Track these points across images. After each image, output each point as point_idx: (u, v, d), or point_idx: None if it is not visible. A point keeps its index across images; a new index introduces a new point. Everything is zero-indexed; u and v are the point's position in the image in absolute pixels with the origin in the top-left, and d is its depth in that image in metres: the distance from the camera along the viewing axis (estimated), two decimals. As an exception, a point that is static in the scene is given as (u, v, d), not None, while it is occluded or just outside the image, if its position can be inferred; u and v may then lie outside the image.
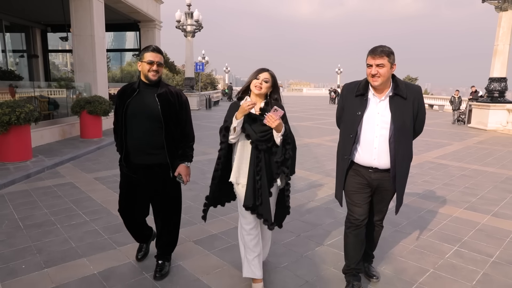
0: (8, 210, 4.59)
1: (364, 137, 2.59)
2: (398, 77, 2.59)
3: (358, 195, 2.70)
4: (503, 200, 5.22)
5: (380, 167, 2.59)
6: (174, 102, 2.85)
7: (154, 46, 2.81)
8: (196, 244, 3.67)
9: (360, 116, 2.57)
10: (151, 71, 2.73)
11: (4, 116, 6.23)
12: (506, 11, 12.96)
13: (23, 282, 2.92)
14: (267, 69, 2.71)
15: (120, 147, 2.87)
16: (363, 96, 2.59)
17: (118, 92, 2.92)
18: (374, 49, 2.48)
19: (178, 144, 2.91)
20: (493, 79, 13.80)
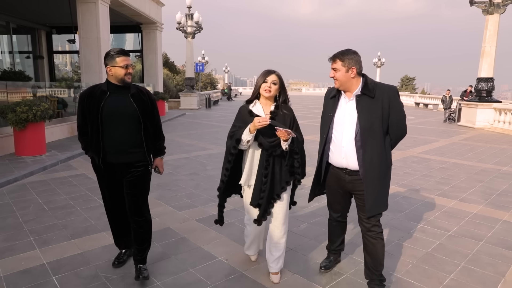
0: (31, 196, 5.20)
1: (334, 137, 2.69)
2: (371, 78, 2.64)
3: (336, 197, 2.90)
4: (472, 188, 5.84)
5: (349, 167, 2.65)
6: (146, 100, 2.94)
7: (122, 49, 2.84)
8: (197, 222, 4.28)
9: (331, 116, 2.70)
10: (128, 74, 2.80)
11: (23, 113, 6.84)
12: (492, 15, 13.57)
13: (56, 249, 3.53)
14: (274, 71, 2.75)
15: (97, 149, 2.85)
16: (335, 97, 2.73)
17: (84, 94, 2.87)
18: (333, 54, 2.62)
19: (153, 140, 3.02)
20: (481, 79, 14.41)
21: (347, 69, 2.54)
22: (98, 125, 2.79)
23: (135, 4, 14.47)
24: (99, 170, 2.96)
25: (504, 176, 6.68)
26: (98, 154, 2.86)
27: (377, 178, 2.59)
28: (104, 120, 2.78)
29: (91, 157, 2.97)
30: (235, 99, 37.83)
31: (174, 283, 2.95)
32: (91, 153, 2.94)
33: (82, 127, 2.93)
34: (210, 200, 5.04)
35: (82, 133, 2.96)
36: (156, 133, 3.05)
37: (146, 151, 2.93)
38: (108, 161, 2.87)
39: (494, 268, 3.26)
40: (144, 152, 2.93)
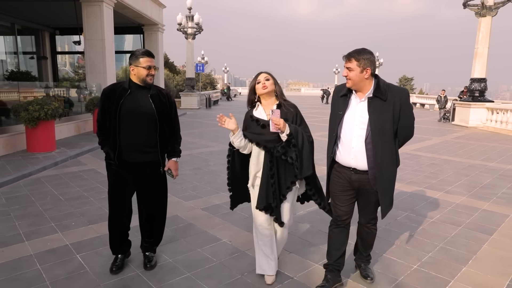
0: (47, 188, 5.59)
1: (343, 137, 2.64)
2: (383, 79, 2.61)
3: (340, 196, 2.75)
4: (458, 182, 6.24)
5: (358, 167, 2.62)
6: (165, 102, 3.00)
7: (147, 51, 2.92)
8: (203, 210, 4.68)
9: (341, 115, 2.64)
10: (150, 75, 2.87)
11: (35, 112, 7.23)
12: (484, 17, 14.00)
13: (76, 233, 3.92)
14: (261, 71, 2.79)
15: (113, 145, 2.89)
16: (346, 96, 2.67)
17: (106, 91, 2.95)
18: (347, 54, 2.57)
19: (168, 142, 3.06)
20: (474, 80, 14.83)
21: (362, 69, 2.49)
22: (116, 122, 2.84)
23: (138, 6, 14.86)
24: (112, 167, 2.98)
25: (490, 171, 7.09)
26: (114, 150, 2.89)
27: (388, 180, 2.62)
28: (122, 117, 2.83)
29: (106, 152, 2.99)
30: (234, 99, 38.25)
31: (185, 260, 3.34)
32: (107, 148, 2.97)
33: (100, 121, 2.99)
34: (213, 192, 5.44)
35: (100, 127, 3.01)
36: (172, 134, 3.08)
37: (160, 152, 2.98)
38: (123, 159, 2.91)
39: (468, 248, 3.66)
40: (158, 152, 2.97)
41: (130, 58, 2.90)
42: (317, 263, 3.30)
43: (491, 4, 13.68)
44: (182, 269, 3.17)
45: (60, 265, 3.23)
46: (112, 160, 2.93)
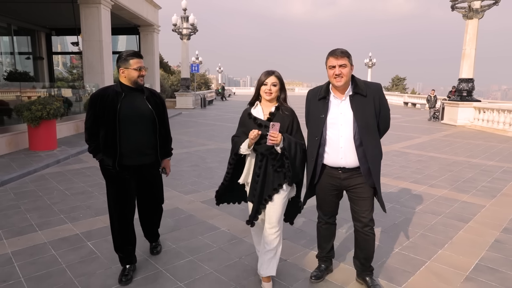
0: (52, 184, 5.87)
1: (329, 138, 2.67)
2: (357, 77, 2.69)
3: (328, 197, 2.84)
4: (442, 176, 6.62)
5: (348, 166, 2.66)
6: (159, 103, 3.03)
7: (135, 52, 2.88)
8: (202, 203, 4.99)
9: (324, 118, 2.66)
10: (141, 77, 2.84)
11: (37, 112, 7.48)
12: (471, 19, 14.45)
13: (84, 223, 4.22)
14: (273, 72, 2.75)
15: (113, 152, 2.80)
16: (325, 99, 2.69)
17: (97, 97, 2.84)
18: (334, 51, 2.58)
19: (164, 142, 3.12)
20: (462, 80, 15.29)
21: (351, 66, 2.60)
22: (115, 127, 2.74)
23: (134, 7, 15.10)
24: (110, 173, 2.87)
25: (472, 167, 7.49)
26: (114, 157, 2.80)
27: (378, 174, 2.66)
28: (121, 121, 2.76)
29: (100, 160, 2.89)
30: (229, 99, 38.51)
31: (187, 246, 3.66)
32: (101, 155, 2.86)
33: (92, 129, 2.87)
34: (211, 187, 5.75)
35: (90, 134, 2.89)
36: (166, 135, 3.15)
37: (158, 152, 3.04)
38: (123, 164, 2.84)
39: (446, 234, 4.02)
40: (157, 153, 3.03)
41: (118, 60, 2.84)
42: (307, 248, 3.64)
43: (477, 7, 14.13)
44: (185, 254, 3.49)
45: (73, 251, 3.53)
46: (110, 167, 2.83)
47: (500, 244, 3.77)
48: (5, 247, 3.60)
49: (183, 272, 3.16)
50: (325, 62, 2.64)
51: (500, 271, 3.21)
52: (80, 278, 3.03)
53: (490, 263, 3.35)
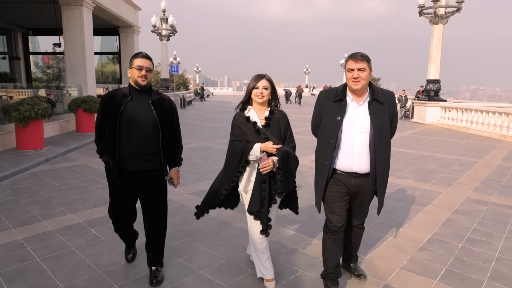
0: (46, 181, 6.17)
1: (344, 142, 2.61)
2: (373, 83, 2.71)
3: (337, 203, 2.73)
4: (407, 169, 7.32)
5: (360, 171, 2.63)
6: (167, 109, 2.91)
7: (144, 53, 2.84)
8: (191, 194, 5.44)
9: (340, 121, 2.60)
10: (140, 77, 2.75)
11: (26, 112, 7.71)
12: (437, 25, 15.46)
13: (85, 213, 4.60)
14: (264, 75, 2.75)
15: (113, 154, 2.80)
16: (342, 101, 2.63)
17: (106, 97, 2.86)
18: (354, 54, 2.56)
19: (170, 150, 2.97)
20: (429, 81, 16.29)
21: (370, 71, 2.57)
22: (116, 129, 2.75)
23: (115, 9, 15.28)
24: (112, 176, 2.89)
25: (436, 160, 8.25)
26: (113, 159, 2.80)
27: (386, 178, 2.72)
28: (122, 124, 2.74)
29: (106, 161, 2.90)
30: (207, 99, 38.76)
31: (182, 229, 4.13)
32: (106, 157, 2.88)
33: (99, 129, 2.89)
34: (198, 180, 6.21)
35: (99, 135, 2.91)
36: (174, 143, 3.01)
37: (162, 160, 2.90)
38: (122, 168, 2.83)
39: (407, 215, 4.65)
40: (161, 160, 2.89)
41: (130, 60, 2.88)
42: (288, 228, 4.17)
43: (442, 13, 15.14)
44: (181, 236, 3.96)
45: (79, 236, 3.92)
46: (111, 170, 2.85)
47: (450, 222, 4.43)
48: (14, 235, 3.95)
49: (181, 250, 3.63)
50: (344, 65, 2.68)
51: (447, 242, 3.86)
52: (90, 257, 3.45)
53: (440, 237, 3.99)
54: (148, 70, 2.80)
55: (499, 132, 12.27)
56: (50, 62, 26.26)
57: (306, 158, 7.81)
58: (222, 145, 9.87)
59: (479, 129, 13.30)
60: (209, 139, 11.07)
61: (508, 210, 4.91)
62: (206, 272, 3.22)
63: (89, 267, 3.27)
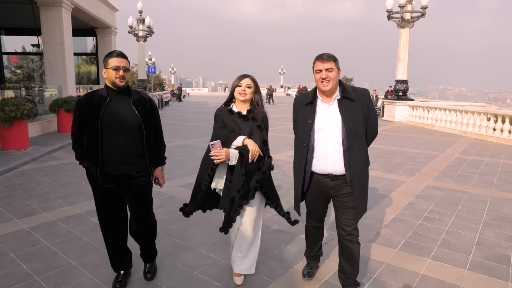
0: (38, 178, 6.42)
1: (317, 144, 2.61)
2: (344, 82, 2.69)
3: (317, 203, 2.84)
4: (376, 162, 8.00)
5: (336, 172, 2.59)
6: (148, 108, 2.82)
7: (118, 51, 2.69)
8: (179, 187, 5.86)
9: (311, 123, 2.60)
10: (118, 77, 2.62)
11: (11, 112, 7.87)
12: (404, 28, 16.45)
13: (83, 205, 4.95)
14: (247, 75, 2.81)
15: (95, 160, 2.65)
16: (312, 103, 2.65)
17: (82, 101, 2.70)
18: (320, 55, 2.56)
19: (154, 150, 2.88)
20: (398, 81, 17.28)
21: (338, 70, 2.57)
22: (97, 133, 2.60)
23: (92, 10, 15.36)
24: (96, 182, 2.74)
25: (402, 154, 9.01)
26: (96, 165, 2.65)
27: (363, 180, 2.63)
28: (103, 127, 2.61)
29: (86, 167, 2.76)
30: (184, 100, 38.83)
31: (175, 216, 4.55)
32: (86, 163, 2.74)
33: (77, 135, 2.75)
34: (185, 175, 6.63)
35: (76, 141, 2.77)
36: (157, 142, 2.92)
37: (147, 161, 2.80)
38: (107, 172, 2.68)
39: (374, 201, 5.26)
40: (146, 162, 2.79)
41: (104, 60, 2.72)
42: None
43: (408, 18, 16.13)
44: (175, 221, 4.40)
45: (81, 224, 4.29)
46: (94, 176, 2.71)
47: (411, 205, 5.10)
48: (19, 224, 4.28)
49: (177, 232, 4.09)
50: (312, 67, 2.62)
51: (407, 221, 4.49)
52: (96, 241, 3.84)
53: (402, 217, 4.63)
54: (125, 70, 2.67)
55: (460, 128, 13.29)
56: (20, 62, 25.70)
57: (284, 153, 8.37)
58: (203, 143, 10.28)
59: (442, 126, 14.32)
60: (191, 138, 11.46)
61: (460, 194, 5.63)
62: (201, 249, 3.69)
63: (96, 249, 3.67)
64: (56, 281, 3.07)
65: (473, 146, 10.41)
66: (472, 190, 5.85)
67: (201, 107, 26.20)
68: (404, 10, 16.05)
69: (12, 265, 3.32)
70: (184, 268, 3.34)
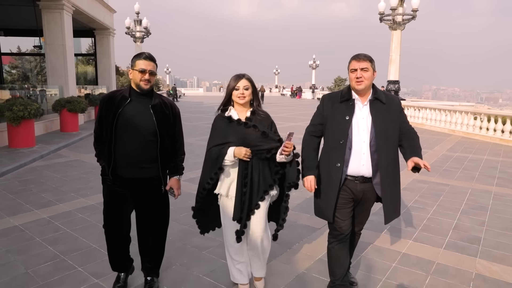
0: (48, 174, 6.79)
1: (354, 143, 2.51)
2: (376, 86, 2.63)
3: (343, 210, 2.61)
4: (368, 158, 8.47)
5: (368, 174, 2.52)
6: (168, 114, 2.74)
7: (147, 54, 2.64)
8: (183, 181, 6.28)
9: (349, 120, 2.51)
10: (143, 80, 2.59)
11: (19, 112, 8.22)
12: (395, 30, 17.00)
13: (95, 197, 5.34)
14: (243, 75, 2.65)
15: (108, 159, 2.64)
16: (348, 101, 2.56)
17: (104, 99, 2.70)
18: (357, 55, 2.53)
19: (170, 157, 2.80)
20: (390, 82, 17.82)
21: (373, 71, 2.53)
22: (112, 133, 2.59)
23: (92, 12, 15.68)
24: (108, 182, 2.72)
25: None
26: (109, 164, 2.64)
27: (394, 185, 2.57)
28: (118, 128, 2.58)
29: (102, 166, 2.73)
30: (180, 100, 39.16)
31: (182, 206, 4.96)
32: (103, 161, 2.72)
33: (97, 132, 2.76)
34: (187, 170, 6.94)
35: (96, 138, 2.78)
36: (175, 150, 2.83)
37: (160, 168, 2.71)
38: (118, 174, 2.65)
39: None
40: (158, 168, 2.71)
41: (132, 60, 2.68)
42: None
43: (400, 20, 16.68)
44: (182, 211, 4.81)
45: (96, 214, 4.69)
46: (106, 175, 2.69)
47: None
48: (39, 214, 4.66)
49: (185, 220, 4.52)
50: (347, 66, 2.59)
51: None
52: (111, 227, 4.24)
53: (388, 206, 5.08)
54: (152, 74, 2.62)
55: (449, 127, 13.83)
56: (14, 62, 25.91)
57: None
58: (202, 142, 10.68)
59: (432, 125, 14.85)
60: (190, 137, 11.85)
61: (443, 186, 6.11)
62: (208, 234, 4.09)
63: (113, 234, 4.07)
64: (81, 260, 3.48)
65: (460, 144, 10.93)
66: (454, 183, 6.33)
67: (197, 107, 26.55)
68: (395, 12, 16.59)
69: (40, 247, 3.72)
70: (193, 249, 3.77)
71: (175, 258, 3.55)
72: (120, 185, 2.68)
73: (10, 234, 4.04)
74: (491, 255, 3.63)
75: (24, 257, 3.52)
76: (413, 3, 16.19)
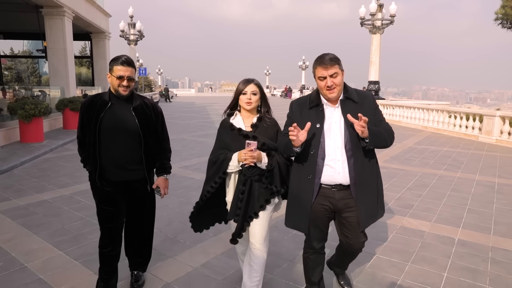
0: (61, 163, 7.79)
1: (328, 151, 2.35)
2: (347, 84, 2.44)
3: (319, 220, 2.48)
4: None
5: (345, 182, 2.35)
6: (150, 114, 2.74)
7: (124, 58, 2.56)
8: (179, 168, 7.33)
9: (320, 128, 2.36)
10: (122, 87, 2.55)
11: (31, 110, 9.21)
12: (375, 34, 18.24)
13: (105, 180, 6.37)
14: (252, 80, 2.61)
15: (94, 164, 2.65)
16: (318, 106, 2.40)
17: (85, 104, 2.68)
18: (322, 60, 2.30)
19: (156, 158, 2.83)
20: (370, 82, 19.06)
21: (342, 72, 2.33)
22: (96, 138, 2.59)
23: (89, 17, 16.62)
24: (96, 187, 2.72)
25: (365, 144, 10.64)
26: (95, 169, 2.65)
27: (369, 186, 2.41)
28: (102, 132, 2.59)
29: (89, 171, 2.74)
30: (172, 100, 40.08)
31: (176, 193, 6.02)
32: (89, 167, 2.73)
33: (80, 138, 2.75)
34: (182, 160, 8.09)
35: (81, 144, 2.77)
36: (160, 150, 2.85)
37: (145, 169, 2.75)
38: (106, 178, 2.66)
39: (331, 175, 6.83)
40: (144, 170, 2.75)
41: (109, 63, 2.62)
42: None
43: (379, 25, 17.93)
44: (177, 196, 5.87)
45: (108, 191, 5.72)
46: (94, 180, 2.70)
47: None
48: (61, 192, 5.69)
49: (176, 202, 5.56)
50: (313, 71, 2.38)
51: (351, 186, 6.08)
52: (123, 200, 5.28)
53: (348, 184, 6.21)
54: (130, 79, 2.57)
55: (422, 124, 15.08)
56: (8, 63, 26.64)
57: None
58: (195, 137, 11.74)
59: (408, 122, 16.09)
60: (183, 133, 12.88)
61: (399, 171, 7.26)
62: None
63: (125, 204, 5.12)
64: (103, 221, 4.52)
65: (428, 138, 12.14)
66: (409, 168, 7.49)
67: (189, 107, 27.52)
68: (374, 18, 17.83)
69: (68, 213, 4.76)
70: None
71: (177, 232, 4.21)
72: (109, 189, 2.70)
73: (42, 205, 5.07)
74: (416, 215, 4.77)
75: (58, 218, 4.57)
76: (391, 9, 17.43)
